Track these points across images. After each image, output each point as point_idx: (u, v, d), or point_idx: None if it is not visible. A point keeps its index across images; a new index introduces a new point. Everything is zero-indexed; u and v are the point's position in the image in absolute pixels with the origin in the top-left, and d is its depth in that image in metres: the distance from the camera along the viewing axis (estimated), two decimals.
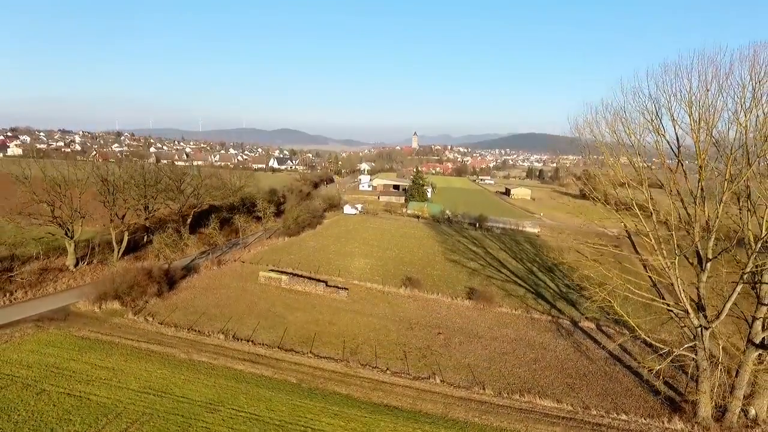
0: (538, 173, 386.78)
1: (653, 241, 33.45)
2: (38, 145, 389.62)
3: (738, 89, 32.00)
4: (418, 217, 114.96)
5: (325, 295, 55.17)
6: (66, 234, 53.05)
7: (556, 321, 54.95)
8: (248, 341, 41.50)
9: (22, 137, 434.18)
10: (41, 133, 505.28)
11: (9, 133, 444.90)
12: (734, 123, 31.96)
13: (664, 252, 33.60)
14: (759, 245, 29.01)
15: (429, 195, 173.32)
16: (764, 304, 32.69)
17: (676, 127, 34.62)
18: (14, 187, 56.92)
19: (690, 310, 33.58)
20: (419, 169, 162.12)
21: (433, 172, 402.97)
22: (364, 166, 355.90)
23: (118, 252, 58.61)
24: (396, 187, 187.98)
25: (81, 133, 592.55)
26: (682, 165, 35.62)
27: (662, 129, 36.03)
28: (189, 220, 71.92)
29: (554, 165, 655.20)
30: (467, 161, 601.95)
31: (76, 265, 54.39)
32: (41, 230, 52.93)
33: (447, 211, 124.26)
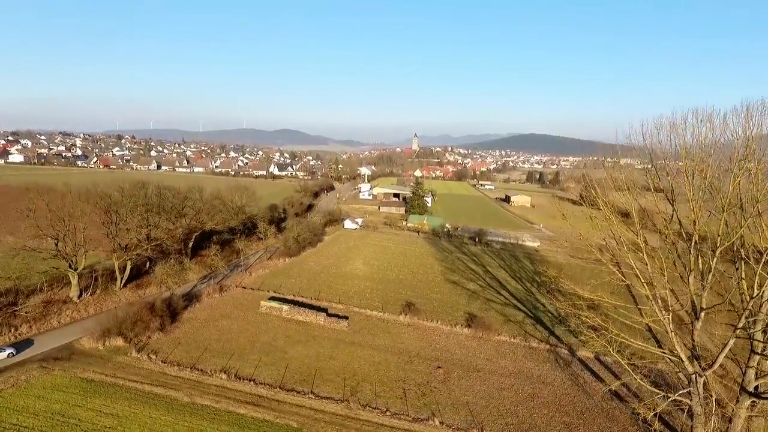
0: (538, 176, 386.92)
1: (647, 288, 33.97)
2: (39, 150, 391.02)
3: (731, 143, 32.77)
4: (418, 231, 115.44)
5: (325, 325, 55.74)
6: (70, 266, 53.66)
7: (554, 350, 55.49)
8: (250, 380, 42.09)
9: (23, 141, 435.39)
10: (42, 137, 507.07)
11: (10, 137, 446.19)
12: (728, 177, 32.55)
13: (660, 303, 34.12)
14: (751, 303, 29.51)
15: (429, 204, 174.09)
16: (757, 353, 33.22)
17: (671, 178, 35.30)
18: (16, 200, 57.60)
19: (684, 359, 34.10)
20: (419, 180, 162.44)
21: (433, 175, 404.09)
22: (365, 170, 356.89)
23: (121, 281, 59.26)
24: (396, 195, 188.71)
25: (82, 136, 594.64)
26: (676, 213, 36.25)
27: (658, 179, 36.71)
28: (191, 243, 72.54)
29: (554, 167, 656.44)
30: (467, 163, 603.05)
31: (80, 296, 55.02)
32: (46, 264, 53.56)
33: (447, 225, 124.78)
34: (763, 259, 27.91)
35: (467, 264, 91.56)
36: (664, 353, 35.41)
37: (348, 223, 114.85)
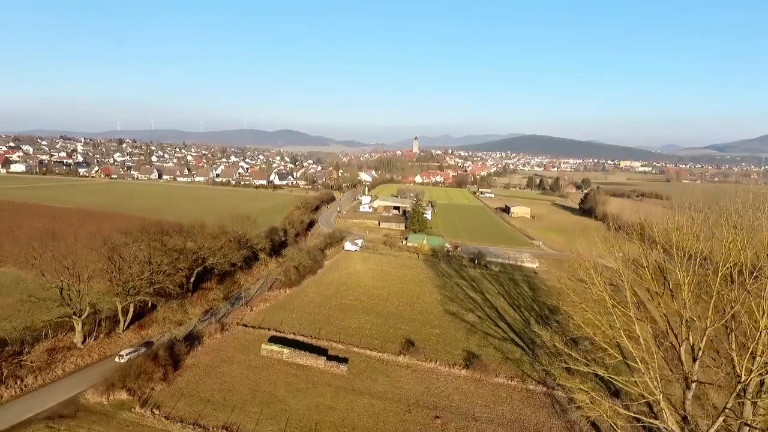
0: (538, 182, 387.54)
1: (641, 365, 34.76)
2: (40, 156, 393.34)
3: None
4: (417, 253, 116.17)
5: (325, 369, 56.58)
6: (74, 313, 54.55)
7: (551, 393, 56.24)
8: None
9: (25, 147, 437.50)
10: (43, 142, 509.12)
11: (11, 143, 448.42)
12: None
13: (651, 373, 34.92)
14: (739, 387, 30.29)
15: (429, 216, 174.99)
16: (747, 425, 34.03)
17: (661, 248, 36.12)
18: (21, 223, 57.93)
19: (676, 430, 34.90)
20: (419, 197, 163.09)
21: (433, 181, 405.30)
22: (365, 177, 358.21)
23: (124, 323, 60.17)
24: (396, 208, 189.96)
25: (83, 140, 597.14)
26: (668, 283, 37.06)
27: (649, 250, 37.50)
28: (192, 279, 73.51)
29: (555, 170, 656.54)
30: (468, 166, 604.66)
31: (84, 341, 55.92)
32: (51, 313, 54.58)
33: (446, 245, 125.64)
34: (747, 354, 28.69)
35: (466, 291, 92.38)
36: (657, 424, 36.21)
37: (348, 245, 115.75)
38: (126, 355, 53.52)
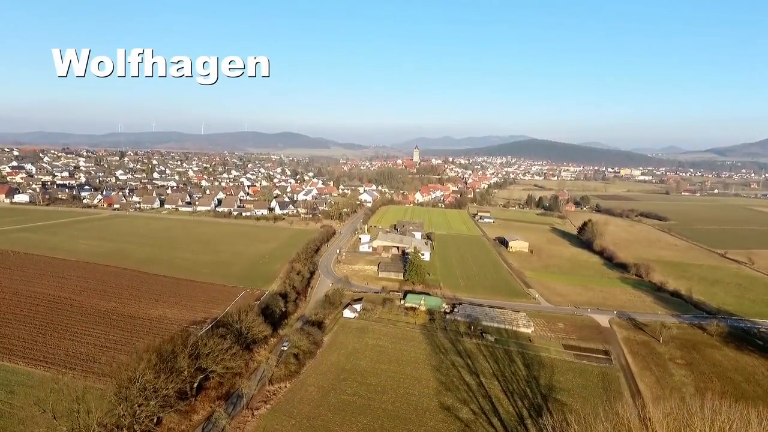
0: (537, 200, 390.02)
1: None
2: (43, 177, 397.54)
3: None
4: (415, 321, 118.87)
5: None
6: None
7: None
8: None
9: (27, 166, 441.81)
10: (45, 158, 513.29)
11: (14, 162, 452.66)
12: None
13: None
14: None
15: (427, 258, 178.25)
16: None
17: None
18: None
19: None
20: (417, 248, 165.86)
21: (433, 197, 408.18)
22: (366, 197, 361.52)
23: None
24: (397, 247, 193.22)
25: (85, 153, 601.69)
26: None
27: None
28: (195, 384, 76.38)
29: (555, 178, 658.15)
30: (468, 176, 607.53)
31: None
32: None
33: (443, 306, 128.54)
34: None
35: (461, 373, 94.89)
36: None
37: (347, 312, 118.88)
38: None
